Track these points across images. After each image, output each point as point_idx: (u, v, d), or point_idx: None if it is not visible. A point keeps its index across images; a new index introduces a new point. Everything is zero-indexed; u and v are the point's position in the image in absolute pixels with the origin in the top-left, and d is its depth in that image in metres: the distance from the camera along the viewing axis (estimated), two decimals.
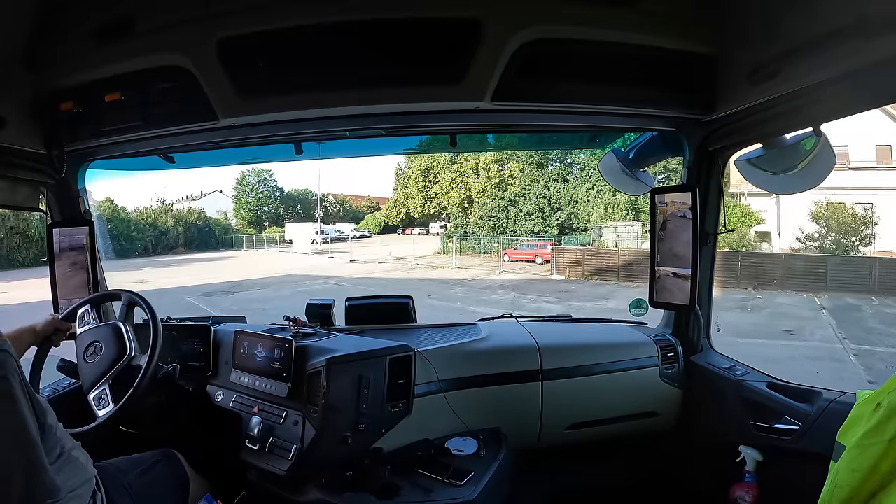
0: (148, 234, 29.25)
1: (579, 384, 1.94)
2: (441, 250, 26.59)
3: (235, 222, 37.81)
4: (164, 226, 30.49)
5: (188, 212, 33.32)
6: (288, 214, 39.58)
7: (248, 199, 39.01)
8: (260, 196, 39.41)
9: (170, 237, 30.42)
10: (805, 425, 1.56)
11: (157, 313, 1.61)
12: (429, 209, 33.83)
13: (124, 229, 27.81)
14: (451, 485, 1.51)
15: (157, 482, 1.37)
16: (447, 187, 31.61)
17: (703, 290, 1.98)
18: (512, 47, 1.41)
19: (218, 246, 32.66)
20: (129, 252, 27.22)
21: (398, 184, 36.62)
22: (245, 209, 38.59)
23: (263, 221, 38.69)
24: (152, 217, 30.67)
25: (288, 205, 40.47)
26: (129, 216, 29.22)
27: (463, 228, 28.33)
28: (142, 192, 49.88)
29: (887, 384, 0.98)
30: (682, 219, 1.87)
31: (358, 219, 41.93)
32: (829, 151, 1.51)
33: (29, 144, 1.66)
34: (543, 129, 2.11)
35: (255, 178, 39.07)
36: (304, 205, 40.59)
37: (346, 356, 1.59)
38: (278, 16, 1.39)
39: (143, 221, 29.60)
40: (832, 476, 1.01)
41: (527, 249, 23.10)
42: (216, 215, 36.18)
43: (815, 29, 1.20)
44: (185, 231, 31.57)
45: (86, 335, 1.58)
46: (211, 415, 1.80)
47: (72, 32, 1.46)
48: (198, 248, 31.50)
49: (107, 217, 26.30)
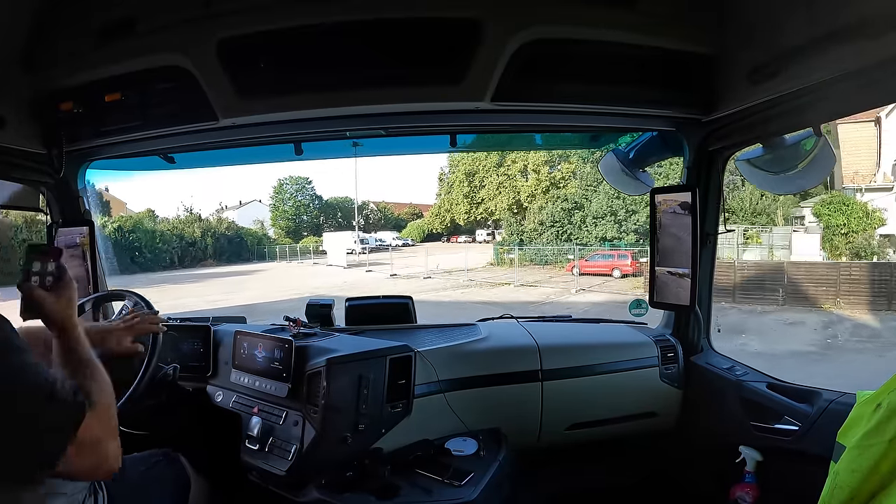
0: (174, 245, 27.86)
1: (579, 384, 1.94)
2: (494, 261, 23.49)
3: (273, 232, 36.45)
4: (191, 236, 29.02)
5: (217, 221, 31.99)
6: (328, 223, 38.42)
7: (285, 207, 37.78)
8: (298, 204, 38.24)
9: (197, 249, 28.97)
10: (805, 426, 1.56)
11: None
12: (475, 215, 31.95)
13: (148, 241, 26.55)
14: (451, 485, 1.50)
15: (159, 482, 1.37)
16: (494, 192, 29.52)
17: (703, 291, 1.98)
18: (512, 47, 1.41)
19: (250, 257, 31.12)
20: (154, 265, 26.06)
21: (441, 189, 34.91)
22: (283, 218, 37.40)
23: (302, 231, 37.31)
24: (179, 227, 29.25)
25: (328, 213, 39.30)
26: (153, 227, 28.03)
27: (518, 236, 24.57)
28: (169, 201, 49.09)
29: (887, 384, 0.98)
30: (681, 219, 1.87)
31: (400, 227, 40.59)
32: (829, 151, 1.51)
33: (29, 144, 1.66)
34: (543, 129, 2.11)
35: (293, 187, 37.95)
36: (344, 213, 39.42)
37: (346, 356, 1.59)
38: (278, 16, 1.39)
39: (168, 232, 28.22)
40: (832, 477, 1.01)
41: (601, 261, 19.29)
42: (252, 225, 34.89)
43: (815, 29, 1.20)
44: (214, 242, 29.96)
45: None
46: (211, 415, 1.79)
47: (72, 32, 1.46)
48: (228, 259, 30.00)
49: (128, 228, 25.44)
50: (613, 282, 17.55)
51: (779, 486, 1.65)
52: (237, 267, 27.53)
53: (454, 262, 21.69)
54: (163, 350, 1.54)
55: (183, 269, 26.87)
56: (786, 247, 17.10)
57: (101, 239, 2.10)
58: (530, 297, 15.60)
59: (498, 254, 23.92)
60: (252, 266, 28.02)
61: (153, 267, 25.69)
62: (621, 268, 18.18)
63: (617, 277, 17.94)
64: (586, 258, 19.77)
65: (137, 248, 25.78)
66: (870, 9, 1.07)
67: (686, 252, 1.86)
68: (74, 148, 1.76)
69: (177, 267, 27.03)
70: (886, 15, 1.05)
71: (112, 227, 24.58)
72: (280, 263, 29.10)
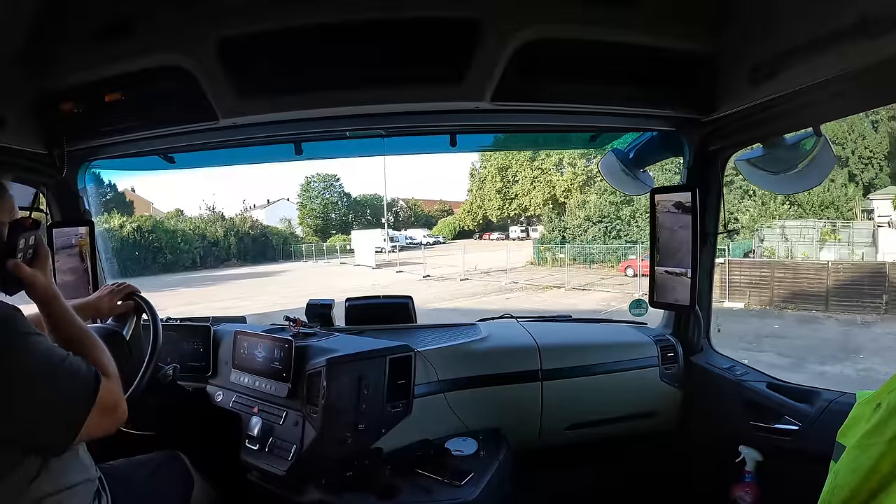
0: (195, 245, 26.89)
1: (579, 384, 1.94)
2: (534, 260, 21.46)
3: (301, 230, 35.58)
4: (213, 236, 28.03)
5: (241, 220, 30.76)
6: (357, 221, 37.38)
7: (313, 205, 36.92)
8: (326, 202, 37.36)
9: (220, 249, 27.87)
10: (805, 425, 1.56)
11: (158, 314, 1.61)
12: (508, 211, 30.77)
13: (168, 241, 25.57)
14: (451, 485, 1.51)
15: (162, 484, 1.37)
16: (528, 186, 28.22)
17: (703, 290, 1.98)
18: (512, 47, 1.41)
19: (276, 257, 29.98)
20: (175, 266, 25.21)
21: (473, 185, 33.70)
22: (310, 216, 36.56)
23: (330, 229, 36.31)
24: (201, 227, 28.25)
25: (356, 211, 38.35)
26: (175, 226, 27.16)
27: (560, 233, 22.45)
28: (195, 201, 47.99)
29: (887, 384, 0.98)
30: (681, 218, 1.87)
31: (430, 224, 39.65)
32: (829, 151, 1.51)
33: (29, 144, 1.65)
34: (543, 129, 2.11)
35: (321, 184, 37.06)
36: (373, 210, 38.54)
37: (346, 356, 1.59)
38: (278, 15, 1.39)
39: (190, 232, 27.20)
40: (832, 476, 1.01)
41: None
42: (280, 223, 34.00)
43: (815, 29, 1.20)
44: (238, 242, 28.86)
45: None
46: (211, 415, 1.79)
47: (72, 32, 1.46)
48: (253, 259, 28.79)
49: (148, 228, 24.68)
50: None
51: (779, 486, 1.65)
52: (260, 267, 26.30)
53: (491, 261, 19.70)
54: (163, 350, 1.54)
55: (205, 269, 25.95)
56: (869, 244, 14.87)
57: (101, 239, 2.10)
58: (587, 302, 13.58)
59: (539, 252, 21.76)
60: (276, 266, 26.73)
61: (174, 268, 25.00)
62: None
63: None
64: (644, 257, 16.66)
65: (158, 249, 25.06)
66: (870, 9, 1.07)
67: (686, 252, 1.86)
68: (74, 148, 1.75)
69: (199, 268, 26.16)
70: (886, 15, 1.05)
71: (131, 228, 24.05)
72: (306, 263, 27.95)
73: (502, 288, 16.18)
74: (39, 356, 0.91)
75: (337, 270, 23.32)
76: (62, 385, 0.92)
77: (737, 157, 1.79)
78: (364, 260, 24.32)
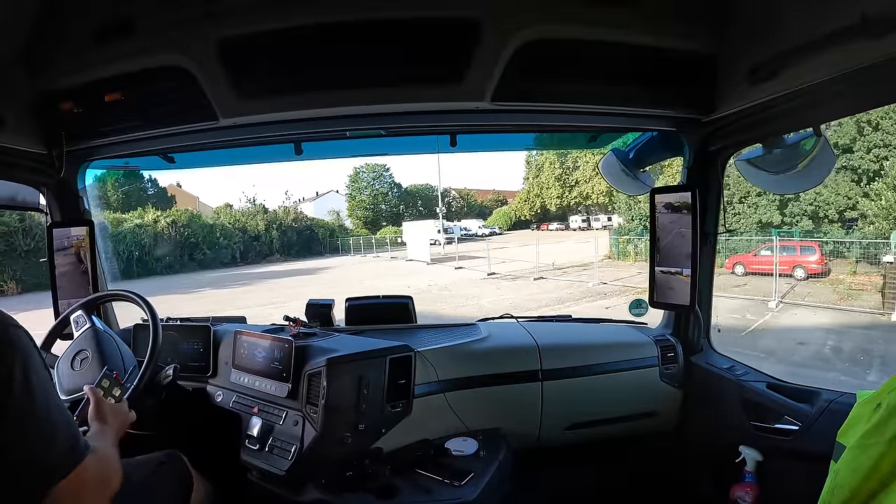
0: (235, 240, 25.12)
1: (579, 384, 1.94)
2: (612, 253, 18.73)
3: (350, 223, 34.12)
4: (254, 230, 26.24)
5: (284, 212, 28.74)
6: (408, 212, 35.67)
7: (362, 197, 35.37)
8: (376, 193, 35.67)
9: (262, 243, 26.18)
10: (805, 425, 1.56)
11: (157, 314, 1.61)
12: (568, 200, 29.01)
13: (205, 235, 23.93)
14: (451, 485, 1.51)
15: (162, 483, 1.37)
16: (590, 173, 26.39)
17: (704, 290, 1.98)
18: (512, 47, 1.41)
19: (322, 251, 28.17)
20: (214, 262, 23.67)
21: (529, 173, 31.98)
22: (360, 208, 35.05)
23: (380, 221, 34.78)
24: (242, 220, 26.36)
25: (407, 202, 36.59)
26: (211, 220, 25.57)
27: (641, 222, 19.43)
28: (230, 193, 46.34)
29: (887, 384, 0.97)
30: (681, 218, 1.87)
31: (484, 214, 37.86)
32: (829, 151, 1.51)
33: (29, 144, 1.65)
34: (543, 129, 2.11)
35: (370, 175, 35.42)
36: (424, 201, 36.77)
37: (347, 356, 1.59)
38: (278, 16, 1.39)
39: (229, 226, 25.52)
40: (832, 476, 1.01)
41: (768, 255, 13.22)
42: (328, 216, 32.36)
43: (815, 29, 1.20)
44: (281, 235, 26.92)
45: (82, 339, 1.56)
46: (211, 415, 1.79)
47: (72, 32, 1.46)
48: (297, 254, 26.91)
49: (183, 222, 23.36)
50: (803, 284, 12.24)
51: (779, 486, 1.65)
52: (304, 263, 23.99)
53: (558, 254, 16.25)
54: (163, 350, 1.54)
55: (245, 265, 24.25)
56: None
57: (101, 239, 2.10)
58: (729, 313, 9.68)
59: (618, 245, 18.77)
60: (321, 262, 24.38)
61: (212, 264, 23.52)
62: (806, 265, 12.71)
63: (801, 279, 12.63)
64: (754, 252, 14.23)
65: (194, 245, 23.58)
66: (870, 9, 1.07)
67: (686, 252, 1.86)
68: (75, 148, 1.75)
69: (238, 263, 24.47)
70: (886, 15, 1.05)
71: (165, 223, 22.94)
72: (353, 258, 25.60)
73: (591, 291, 12.71)
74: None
75: (386, 267, 20.46)
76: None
77: (737, 158, 1.79)
78: (417, 254, 21.58)
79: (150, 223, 22.50)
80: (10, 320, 0.81)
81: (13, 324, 0.81)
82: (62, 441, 0.80)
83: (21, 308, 1.90)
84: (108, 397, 1.20)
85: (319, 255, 27.18)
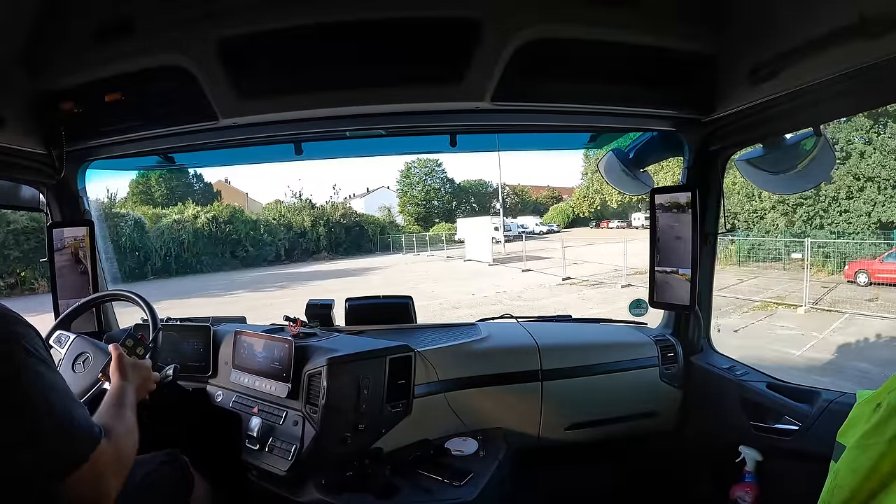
0: (280, 237, 24.13)
1: (579, 384, 1.94)
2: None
3: (401, 219, 33.04)
4: (299, 226, 25.14)
5: (332, 208, 27.41)
6: (460, 209, 34.56)
7: (414, 192, 34.31)
8: (428, 188, 34.59)
9: (308, 240, 25.10)
10: (805, 425, 1.56)
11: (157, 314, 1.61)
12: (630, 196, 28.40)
13: (248, 232, 22.85)
14: (451, 485, 1.51)
15: (162, 483, 1.37)
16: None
17: (704, 291, 1.98)
18: (512, 47, 1.41)
19: (372, 249, 26.94)
20: (256, 260, 22.66)
21: (588, 168, 30.26)
22: (411, 204, 33.98)
23: (433, 217, 33.70)
24: (287, 216, 25.30)
25: (460, 198, 35.55)
26: (254, 215, 24.44)
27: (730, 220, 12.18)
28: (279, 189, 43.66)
29: (887, 384, 0.98)
30: (680, 218, 1.87)
31: (539, 211, 36.58)
32: (829, 151, 1.51)
33: (29, 144, 1.65)
34: (543, 129, 2.11)
35: (422, 170, 34.42)
36: (477, 198, 35.75)
37: (347, 356, 1.59)
38: (278, 16, 1.39)
39: (273, 222, 24.38)
40: (832, 476, 1.01)
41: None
42: (378, 212, 31.38)
43: (815, 29, 1.20)
44: (328, 232, 25.68)
45: (75, 346, 1.55)
46: (211, 415, 1.79)
47: (72, 32, 1.46)
48: (345, 252, 25.68)
49: (224, 218, 22.43)
50: None
51: (779, 486, 1.65)
52: (352, 262, 22.45)
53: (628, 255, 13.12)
54: (163, 350, 1.54)
55: (290, 263, 22.94)
56: None
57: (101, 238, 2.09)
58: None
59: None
60: (371, 260, 22.65)
61: (255, 262, 22.53)
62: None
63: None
64: (879, 259, 11.70)
65: (236, 241, 22.57)
66: (870, 9, 1.07)
67: (686, 252, 1.86)
68: (75, 148, 1.75)
69: (283, 262, 23.33)
70: (886, 15, 1.05)
71: (206, 218, 22.02)
72: (405, 256, 23.86)
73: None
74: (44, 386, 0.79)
75: (442, 268, 18.27)
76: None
77: (737, 157, 1.79)
78: (477, 254, 19.37)
79: (188, 219, 21.77)
80: (15, 317, 0.81)
81: (19, 320, 0.81)
82: (77, 431, 0.81)
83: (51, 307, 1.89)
84: (131, 356, 1.26)
85: (369, 253, 26.07)
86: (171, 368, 1.55)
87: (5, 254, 16.46)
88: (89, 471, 0.80)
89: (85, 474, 0.80)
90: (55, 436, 0.77)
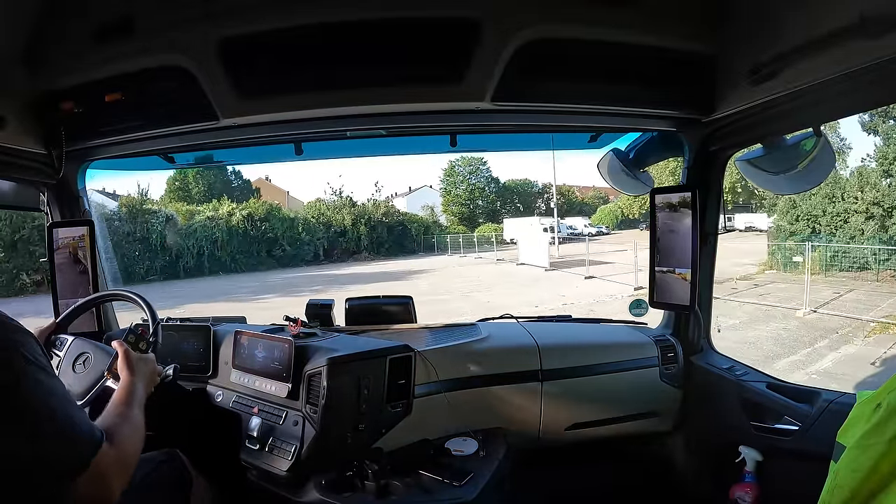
0: (319, 236, 23.29)
1: (579, 384, 1.94)
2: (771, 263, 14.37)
3: (445, 219, 32.12)
4: (339, 225, 24.28)
5: (373, 206, 26.27)
6: (505, 209, 33.93)
7: (458, 191, 33.52)
8: (472, 188, 33.80)
9: (348, 240, 24.25)
10: (805, 425, 1.56)
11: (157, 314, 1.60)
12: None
13: (285, 230, 22.05)
14: (451, 485, 1.51)
15: (161, 483, 1.37)
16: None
17: (704, 291, 1.98)
18: (512, 47, 1.41)
19: (415, 249, 25.94)
20: (294, 260, 21.88)
21: None
22: (455, 203, 33.13)
23: (477, 217, 32.81)
24: (326, 214, 24.47)
25: (505, 198, 34.74)
26: (292, 213, 23.64)
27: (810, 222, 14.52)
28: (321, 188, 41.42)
29: (887, 384, 0.97)
30: (680, 218, 1.87)
31: (586, 212, 35.52)
32: (829, 151, 1.51)
33: (29, 144, 1.65)
34: (543, 129, 2.11)
35: (466, 169, 33.69)
36: (522, 197, 34.95)
37: (347, 356, 1.59)
38: (278, 15, 1.39)
39: (312, 220, 23.63)
40: (832, 476, 1.01)
41: None
42: (421, 211, 30.45)
43: (815, 29, 1.20)
44: (370, 231, 24.72)
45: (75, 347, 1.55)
46: (211, 415, 1.79)
47: (72, 32, 1.46)
48: (387, 252, 24.70)
49: (260, 216, 21.63)
50: None
51: (779, 486, 1.65)
52: (394, 264, 21.21)
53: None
54: (163, 350, 1.54)
55: (329, 264, 22.12)
56: None
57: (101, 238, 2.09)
58: None
59: (786, 254, 13.95)
60: (414, 262, 21.35)
61: (292, 261, 21.78)
62: None
63: None
64: None
65: (273, 240, 21.82)
66: (870, 9, 1.07)
67: (686, 252, 1.86)
68: (75, 148, 1.75)
69: (322, 262, 22.57)
70: (886, 15, 1.05)
71: (241, 216, 21.25)
72: (451, 258, 22.55)
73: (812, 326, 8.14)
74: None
75: (493, 272, 16.60)
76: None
77: (737, 157, 1.79)
78: (532, 257, 17.63)
79: (223, 216, 21.11)
80: (14, 325, 0.81)
81: (17, 328, 0.81)
82: (78, 435, 0.81)
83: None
84: (135, 350, 1.29)
85: (412, 254, 24.99)
86: (171, 368, 1.55)
87: (31, 250, 16.14)
88: (92, 474, 0.81)
89: (87, 478, 0.80)
90: (57, 441, 0.78)
